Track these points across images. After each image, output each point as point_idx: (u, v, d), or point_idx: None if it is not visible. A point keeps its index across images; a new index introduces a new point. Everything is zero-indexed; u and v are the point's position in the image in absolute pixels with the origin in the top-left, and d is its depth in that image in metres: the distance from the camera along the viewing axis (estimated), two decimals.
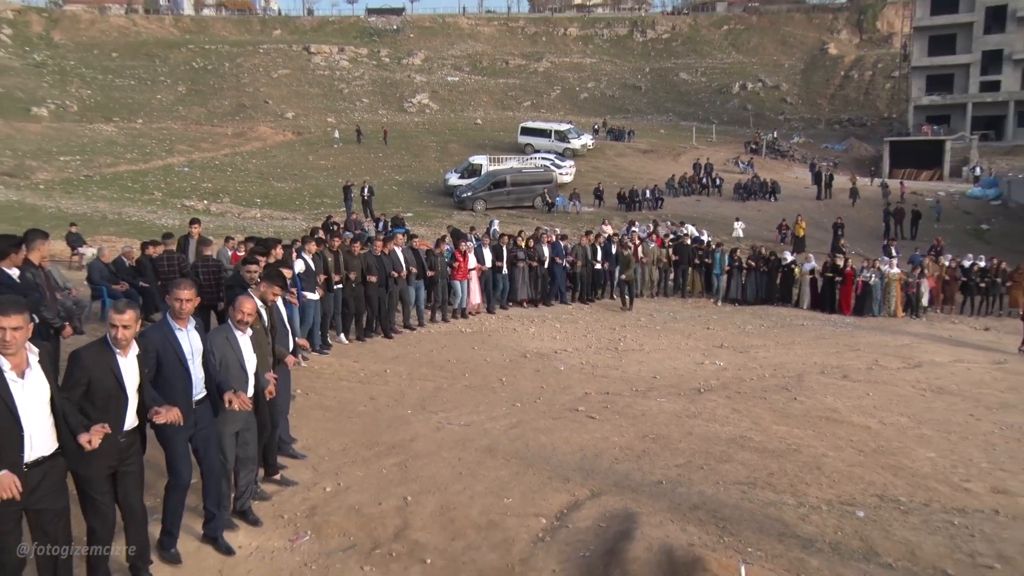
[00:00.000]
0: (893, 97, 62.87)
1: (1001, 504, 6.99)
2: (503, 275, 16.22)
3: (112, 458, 4.56)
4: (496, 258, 16.00)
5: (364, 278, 12.24)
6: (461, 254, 15.00)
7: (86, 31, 70.77)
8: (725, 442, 8.14)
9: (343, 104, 63.39)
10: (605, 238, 20.10)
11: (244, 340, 5.65)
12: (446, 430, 8.25)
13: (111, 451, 4.50)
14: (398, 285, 13.12)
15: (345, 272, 11.88)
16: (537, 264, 16.99)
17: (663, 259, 20.25)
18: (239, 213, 32.25)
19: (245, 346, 5.64)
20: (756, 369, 12.13)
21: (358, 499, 6.34)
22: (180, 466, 5.14)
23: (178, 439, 5.07)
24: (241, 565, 5.34)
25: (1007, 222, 35.89)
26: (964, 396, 11.08)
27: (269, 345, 6.18)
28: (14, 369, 3.99)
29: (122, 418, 4.57)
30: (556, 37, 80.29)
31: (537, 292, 17.24)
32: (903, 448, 8.40)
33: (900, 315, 18.97)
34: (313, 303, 10.94)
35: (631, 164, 45.80)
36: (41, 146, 44.45)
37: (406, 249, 13.59)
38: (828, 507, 6.57)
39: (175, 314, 5.13)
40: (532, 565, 5.40)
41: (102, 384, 4.48)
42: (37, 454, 4.09)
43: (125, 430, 4.61)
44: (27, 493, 3.99)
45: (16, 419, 3.98)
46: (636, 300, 18.55)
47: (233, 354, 5.54)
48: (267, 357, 6.06)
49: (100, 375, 4.48)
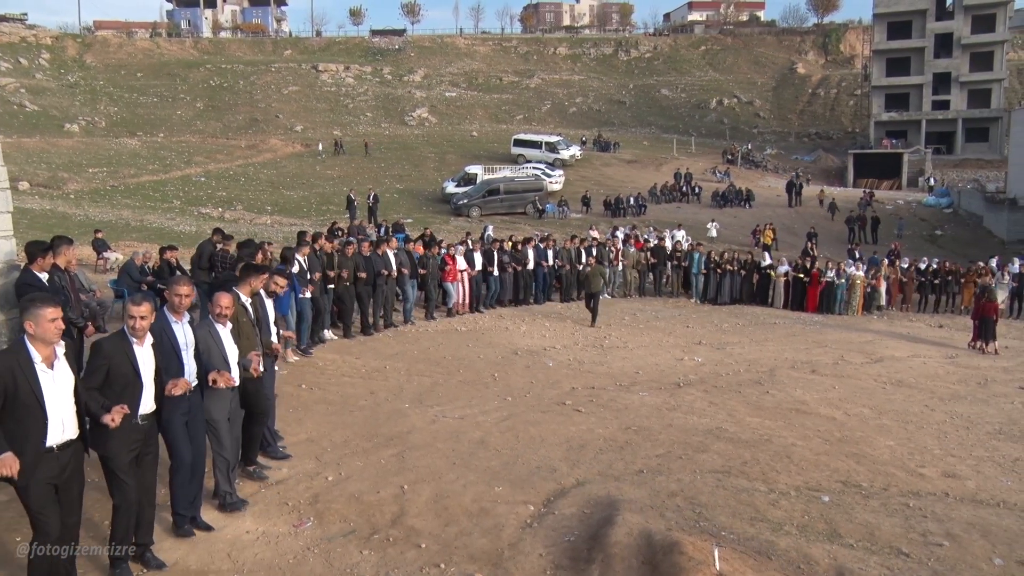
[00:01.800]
0: (856, 113, 63.04)
1: (951, 487, 7.02)
2: (494, 277, 16.12)
3: (135, 441, 4.66)
4: (487, 262, 15.88)
5: (356, 277, 12.21)
6: (451, 257, 14.89)
7: (115, 54, 70.48)
8: (702, 433, 8.11)
9: (348, 118, 63.16)
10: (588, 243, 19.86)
11: (225, 333, 5.60)
12: (441, 423, 8.19)
13: (133, 434, 4.63)
14: (388, 285, 13.03)
15: (338, 271, 11.86)
16: (522, 267, 16.84)
17: (642, 261, 20.20)
18: (251, 219, 32.11)
19: (226, 338, 5.60)
20: (732, 365, 12.10)
21: (358, 487, 6.28)
22: (180, 447, 5.17)
23: (176, 422, 5.10)
24: (248, 549, 5.29)
25: (958, 228, 36.16)
26: (920, 388, 11.09)
27: (257, 336, 6.13)
28: (44, 361, 4.11)
29: (138, 402, 4.63)
30: (546, 56, 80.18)
31: (520, 293, 17.08)
32: (865, 437, 8.39)
33: (861, 313, 19.05)
34: (306, 301, 10.91)
35: (616, 173, 45.75)
36: (72, 159, 44.24)
37: (399, 251, 13.50)
38: (796, 493, 6.54)
39: (173, 308, 5.17)
40: (520, 549, 5.35)
41: (120, 371, 4.57)
42: (68, 436, 4.21)
43: (141, 414, 4.68)
44: (58, 472, 4.16)
45: (42, 406, 4.07)
46: (619, 301, 18.48)
47: (215, 346, 5.50)
48: (255, 347, 6.00)
49: (119, 362, 4.57)
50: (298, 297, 10.63)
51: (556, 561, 5.19)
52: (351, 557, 5.26)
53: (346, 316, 12.36)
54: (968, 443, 8.49)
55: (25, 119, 54.00)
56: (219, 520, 5.62)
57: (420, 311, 14.65)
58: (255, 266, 6.66)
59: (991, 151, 51.18)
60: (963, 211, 38.84)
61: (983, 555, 5.51)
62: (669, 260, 20.47)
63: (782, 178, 45.81)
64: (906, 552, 5.45)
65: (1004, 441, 8.63)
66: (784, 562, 5.08)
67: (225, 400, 5.58)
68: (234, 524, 5.58)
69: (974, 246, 31.75)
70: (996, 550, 5.59)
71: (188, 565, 5.03)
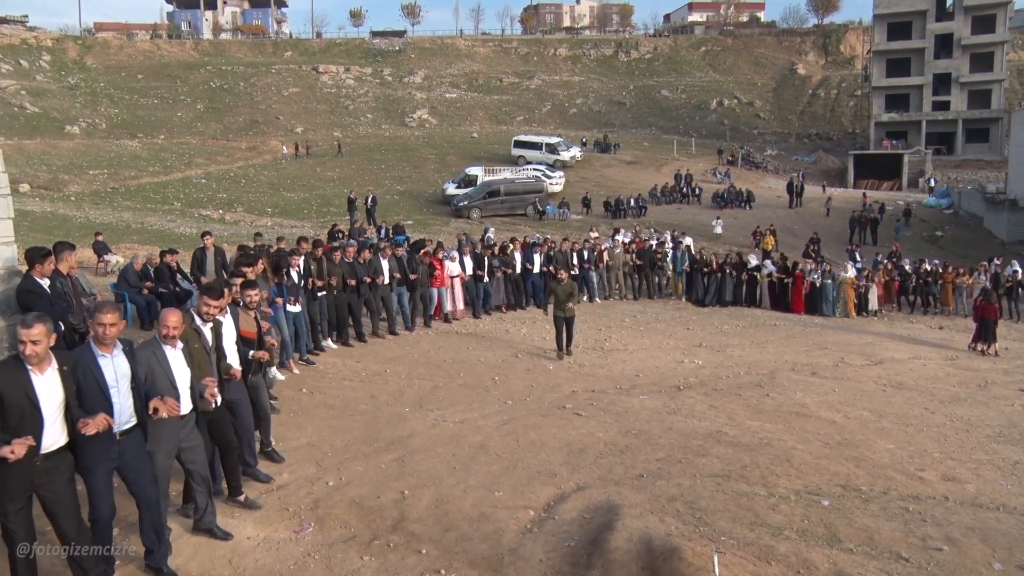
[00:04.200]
0: (856, 114, 63.03)
1: (950, 491, 7.03)
2: (484, 283, 15.78)
3: (25, 480, 4.07)
4: (477, 266, 15.58)
5: (345, 284, 11.83)
6: (439, 262, 14.58)
7: (115, 55, 70.52)
8: (702, 437, 8.11)
9: (349, 119, 63.17)
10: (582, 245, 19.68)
11: (174, 355, 4.96)
12: (442, 427, 8.19)
13: (28, 476, 4.06)
14: (376, 290, 12.66)
15: (327, 278, 11.36)
16: (511, 271, 16.60)
17: (628, 263, 20.18)
18: (251, 221, 32.09)
19: (175, 361, 4.96)
20: (732, 367, 12.09)
21: (358, 493, 6.29)
22: (98, 500, 4.47)
23: (98, 470, 4.42)
24: (250, 555, 5.30)
25: (958, 229, 36.13)
26: (920, 391, 11.09)
27: (211, 363, 5.48)
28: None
29: (38, 438, 4.03)
30: (547, 57, 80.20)
31: (511, 297, 16.83)
32: (865, 440, 8.40)
33: (852, 315, 18.95)
34: (295, 315, 10.23)
35: (616, 175, 45.75)
36: (73, 161, 44.26)
37: (390, 256, 13.15)
38: (796, 497, 6.55)
39: (99, 339, 4.44)
40: (520, 555, 5.36)
41: (14, 401, 4.00)
42: None
43: (43, 452, 4.07)
44: None
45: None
46: (617, 303, 18.33)
47: (161, 369, 4.86)
48: (210, 374, 5.38)
49: (11, 393, 4.00)
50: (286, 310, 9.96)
51: (556, 566, 5.20)
52: (352, 563, 5.27)
53: (341, 325, 12.01)
54: (968, 446, 8.50)
55: (26, 121, 54.05)
56: None
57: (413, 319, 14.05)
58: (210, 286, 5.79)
59: (991, 152, 51.20)
60: (963, 212, 38.85)
61: (983, 560, 5.52)
62: (654, 262, 20.47)
63: (782, 179, 45.85)
64: (905, 557, 5.47)
65: (1004, 444, 8.64)
66: (784, 567, 5.09)
67: (172, 431, 4.92)
68: (235, 529, 5.58)
69: (974, 247, 31.72)
70: (996, 554, 5.60)
71: (189, 571, 5.04)
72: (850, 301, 19.08)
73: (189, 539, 5.38)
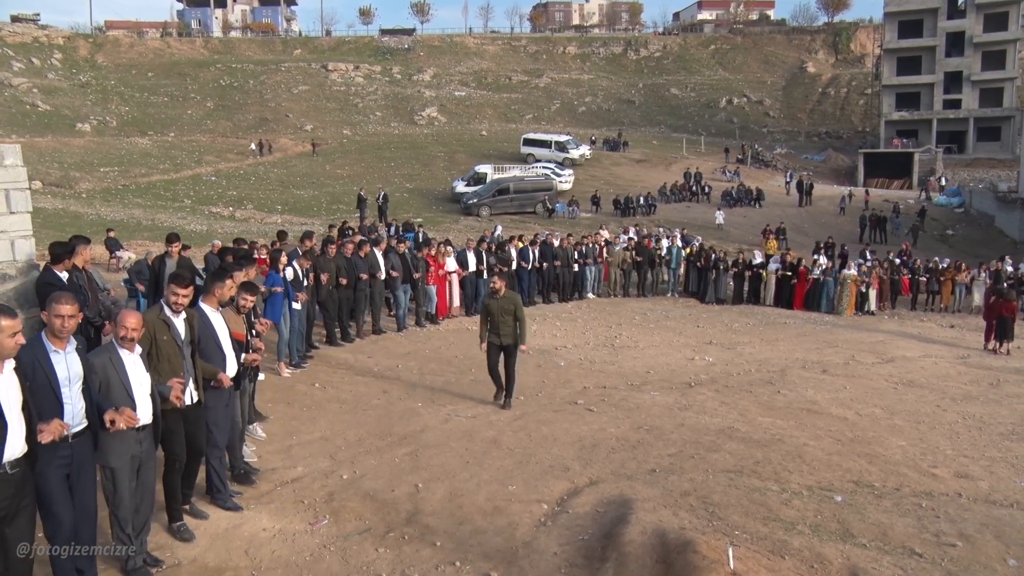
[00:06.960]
0: (866, 112, 62.75)
1: (963, 488, 7.01)
2: (482, 280, 15.51)
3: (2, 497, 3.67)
4: (478, 263, 15.50)
5: (339, 281, 11.65)
6: (433, 259, 14.48)
7: (126, 53, 70.92)
8: (714, 433, 8.12)
9: (358, 117, 63.30)
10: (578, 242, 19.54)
11: (131, 360, 4.54)
12: (454, 422, 8.23)
13: None
14: (372, 287, 12.56)
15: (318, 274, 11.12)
16: (507, 268, 16.43)
17: (627, 260, 20.16)
18: (261, 219, 32.26)
19: (132, 366, 4.53)
20: (743, 364, 12.08)
21: (373, 486, 6.33)
22: (56, 507, 4.06)
23: (52, 475, 4.02)
24: (266, 546, 5.34)
25: (969, 228, 35.95)
26: (932, 389, 11.05)
27: (183, 359, 5.10)
28: None
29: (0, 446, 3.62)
30: (556, 55, 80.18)
31: None
32: (877, 437, 8.38)
33: (851, 313, 18.86)
34: (297, 312, 10.21)
35: (626, 173, 45.71)
36: (84, 158, 44.55)
37: (391, 253, 13.05)
38: (809, 492, 6.55)
39: (53, 332, 4.05)
40: (534, 548, 5.39)
41: None
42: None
43: (7, 460, 3.66)
44: None
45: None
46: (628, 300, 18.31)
47: (116, 375, 4.44)
48: (178, 372, 5.03)
49: None
50: (291, 307, 9.93)
51: (570, 559, 5.23)
52: (367, 555, 5.31)
53: (330, 323, 11.86)
54: (981, 444, 8.47)
55: (37, 119, 54.41)
56: None
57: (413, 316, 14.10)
58: (179, 275, 5.36)
59: (1003, 150, 50.81)
60: (975, 211, 38.65)
61: (997, 556, 5.51)
62: (653, 259, 20.46)
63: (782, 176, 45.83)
64: (919, 552, 5.46)
65: (1017, 442, 8.60)
66: (797, 561, 5.09)
67: (129, 442, 4.50)
68: (251, 521, 5.64)
69: (985, 246, 31.56)
70: (1010, 551, 5.58)
71: (206, 562, 5.08)
72: (852, 299, 19.05)
73: (205, 530, 5.43)
